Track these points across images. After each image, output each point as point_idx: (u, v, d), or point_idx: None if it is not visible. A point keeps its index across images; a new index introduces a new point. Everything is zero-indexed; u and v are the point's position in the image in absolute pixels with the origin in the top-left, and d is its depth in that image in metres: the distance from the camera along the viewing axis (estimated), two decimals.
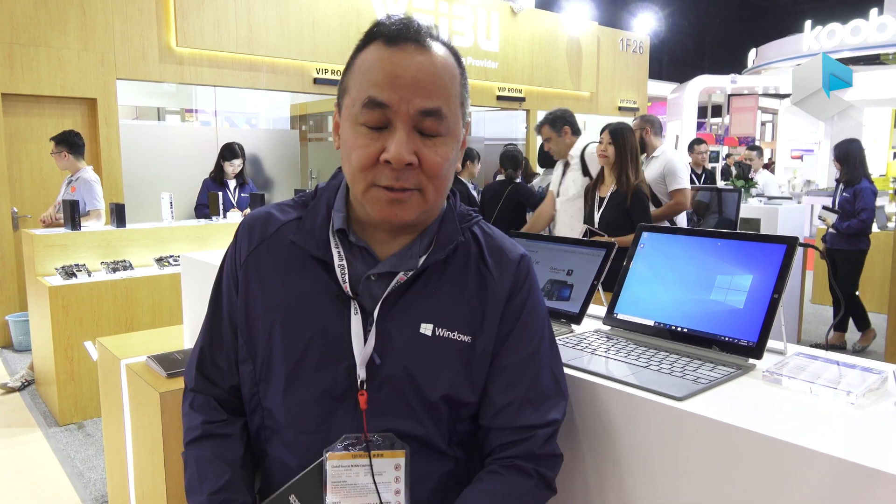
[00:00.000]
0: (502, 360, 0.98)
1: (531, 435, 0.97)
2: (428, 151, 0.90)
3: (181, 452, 1.05)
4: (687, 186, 3.99)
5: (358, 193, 0.93)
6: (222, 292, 1.04)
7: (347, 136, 0.92)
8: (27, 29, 5.41)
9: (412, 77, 0.87)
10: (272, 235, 1.00)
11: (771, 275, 1.18)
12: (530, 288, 1.03)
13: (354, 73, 0.92)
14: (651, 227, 1.41)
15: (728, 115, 19.90)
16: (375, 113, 0.88)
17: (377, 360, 0.93)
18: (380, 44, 0.90)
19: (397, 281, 0.94)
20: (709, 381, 1.05)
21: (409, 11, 7.94)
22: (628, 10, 15.24)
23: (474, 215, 1.05)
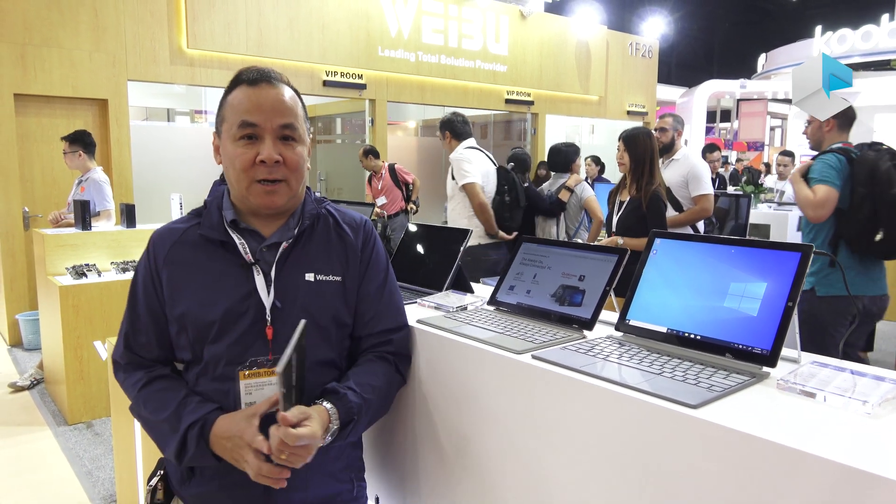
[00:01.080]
0: (364, 288, 1.41)
1: (389, 339, 1.43)
2: (288, 152, 1.29)
3: (129, 407, 1.36)
4: (711, 192, 3.85)
5: (242, 189, 1.29)
6: (138, 291, 1.37)
7: (229, 150, 1.29)
8: (40, 30, 5.45)
9: (271, 104, 1.27)
10: (179, 239, 1.35)
11: (785, 283, 1.17)
12: (374, 241, 1.46)
13: (228, 107, 1.30)
14: (664, 233, 1.41)
15: (737, 119, 19.82)
16: (248, 129, 1.26)
17: (279, 305, 1.30)
18: (244, 86, 1.29)
19: (283, 248, 1.33)
20: (723, 388, 1.05)
21: (419, 16, 7.96)
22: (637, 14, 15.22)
23: (325, 199, 1.45)
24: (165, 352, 1.37)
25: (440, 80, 8.31)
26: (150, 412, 1.30)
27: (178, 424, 1.24)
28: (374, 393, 1.34)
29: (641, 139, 3.40)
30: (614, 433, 1.08)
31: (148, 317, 1.35)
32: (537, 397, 1.22)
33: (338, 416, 1.25)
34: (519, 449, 1.26)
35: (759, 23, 24.78)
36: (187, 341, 1.31)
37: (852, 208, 2.85)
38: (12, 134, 5.40)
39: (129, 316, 1.38)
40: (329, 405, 1.25)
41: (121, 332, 1.39)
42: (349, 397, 1.28)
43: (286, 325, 1.27)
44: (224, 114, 1.31)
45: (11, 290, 5.51)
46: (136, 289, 1.38)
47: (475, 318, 1.54)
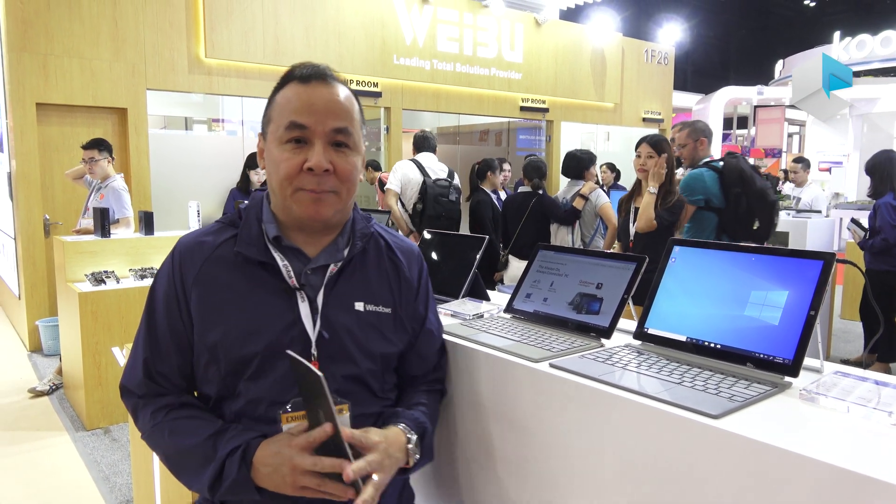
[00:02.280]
0: (424, 326, 1.32)
1: (439, 367, 1.38)
2: (340, 160, 1.14)
3: (143, 437, 1.19)
4: None
5: (286, 198, 1.15)
6: (158, 311, 1.19)
7: (274, 153, 1.15)
8: (61, 40, 5.54)
9: (324, 105, 1.13)
10: (212, 256, 1.18)
11: (807, 291, 1.16)
12: (427, 273, 1.36)
13: (276, 106, 1.17)
14: (682, 241, 1.39)
15: (754, 126, 19.66)
16: (296, 132, 1.12)
17: (325, 336, 1.16)
18: (295, 83, 1.16)
19: (330, 272, 1.19)
20: (744, 398, 1.03)
21: (434, 24, 7.99)
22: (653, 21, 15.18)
23: (371, 217, 1.31)
24: (187, 382, 1.21)
25: (455, 87, 8.32)
26: (176, 439, 1.13)
27: (214, 452, 1.08)
28: (428, 409, 1.28)
29: (665, 145, 3.41)
30: (634, 443, 1.06)
31: (171, 342, 1.18)
32: (555, 406, 1.21)
33: (410, 429, 1.17)
34: (536, 458, 1.25)
35: (775, 28, 24.60)
36: (217, 374, 1.16)
37: (730, 206, 3.43)
38: (34, 142, 5.48)
39: (148, 339, 1.19)
40: (401, 425, 1.17)
41: (136, 357, 1.21)
42: (410, 413, 1.22)
43: (333, 361, 1.16)
44: (271, 113, 1.18)
45: (32, 296, 5.58)
46: (156, 308, 1.20)
47: (492, 325, 1.53)
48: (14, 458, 3.46)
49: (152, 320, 1.20)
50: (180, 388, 1.20)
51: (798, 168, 7.04)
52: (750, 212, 3.41)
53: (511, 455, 1.32)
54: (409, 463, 1.15)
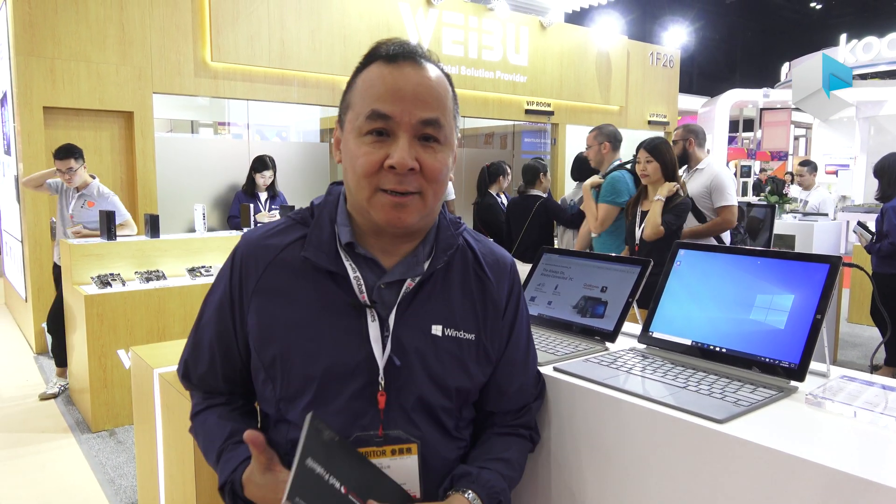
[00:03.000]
0: (509, 355, 1.12)
1: (528, 410, 1.17)
2: (428, 157, 0.97)
3: (189, 429, 1.17)
4: (734, 203, 3.78)
5: (363, 199, 0.99)
6: (208, 314, 1.12)
7: (351, 146, 0.99)
8: (68, 44, 5.57)
9: (412, 90, 0.96)
10: (276, 259, 1.04)
11: (813, 295, 1.15)
12: (520, 290, 1.17)
13: (357, 91, 1.00)
14: (688, 244, 1.39)
15: (760, 129, 19.61)
16: (378, 123, 0.95)
17: (397, 362, 1.00)
18: (380, 63, 0.99)
19: (406, 287, 1.03)
20: (750, 403, 1.03)
21: (439, 27, 8.01)
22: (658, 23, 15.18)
23: (461, 222, 1.14)
24: (232, 386, 1.13)
25: (460, 90, 8.16)
26: (203, 451, 1.12)
27: (221, 476, 1.05)
28: (510, 469, 1.09)
29: (665, 148, 3.38)
30: (639, 447, 1.06)
31: (217, 349, 1.10)
32: (560, 410, 1.20)
33: (480, 501, 1.00)
34: (540, 462, 1.25)
35: (781, 31, 24.53)
36: (273, 396, 1.04)
37: None
38: (41, 146, 5.51)
39: (193, 340, 1.14)
40: (469, 493, 1.00)
41: (183, 354, 1.16)
42: (485, 476, 1.03)
43: (401, 393, 1.01)
44: (350, 99, 1.01)
45: (38, 298, 5.60)
46: (207, 310, 1.12)
47: None
48: (20, 460, 3.47)
49: (200, 324, 1.13)
50: (221, 391, 1.14)
51: (805, 171, 7.00)
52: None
53: None
54: None
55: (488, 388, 1.12)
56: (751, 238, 4.77)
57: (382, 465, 0.99)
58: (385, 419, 1.00)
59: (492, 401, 1.13)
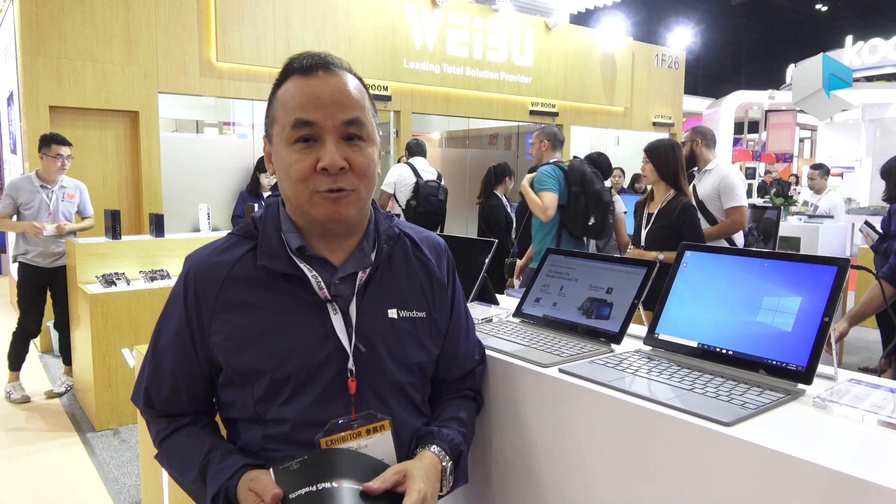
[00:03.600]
0: (454, 327, 1.23)
1: (472, 375, 1.30)
2: (355, 155, 1.04)
3: (154, 456, 1.17)
4: (744, 204, 3.75)
5: (302, 203, 1.05)
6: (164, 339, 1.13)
7: (283, 156, 1.05)
8: (74, 44, 5.59)
9: (330, 96, 1.03)
10: (230, 274, 1.09)
11: (821, 297, 1.14)
12: (454, 267, 1.28)
13: (278, 104, 1.06)
14: (694, 245, 1.38)
15: (765, 131, 19.56)
16: (304, 130, 1.02)
17: (362, 349, 1.08)
18: (296, 77, 1.05)
19: (360, 279, 1.11)
20: (757, 406, 1.02)
21: (444, 28, 8.00)
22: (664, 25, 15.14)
23: (392, 215, 1.23)
24: (197, 405, 1.16)
25: (465, 91, 8.33)
26: (177, 471, 1.11)
27: (206, 491, 1.05)
28: (464, 426, 1.20)
29: (663, 150, 3.35)
30: (644, 450, 1.05)
31: (177, 371, 1.12)
32: (565, 412, 1.20)
33: (445, 453, 1.10)
34: (545, 463, 1.24)
35: (787, 33, 24.45)
36: (249, 399, 1.08)
37: (570, 203, 3.92)
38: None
39: (150, 367, 1.15)
40: (434, 447, 1.10)
41: (139, 381, 1.17)
42: (445, 432, 1.14)
43: (370, 376, 1.09)
44: (274, 113, 1.07)
45: None
46: (163, 334, 1.13)
47: (500, 330, 1.53)
48: (24, 458, 3.48)
49: (157, 350, 1.14)
50: (186, 412, 1.15)
51: (816, 175, 6.96)
52: (587, 209, 3.92)
53: (518, 461, 1.31)
54: (443, 490, 1.09)
55: (438, 359, 1.22)
56: (764, 241, 4.73)
57: (360, 446, 1.06)
58: (356, 402, 1.07)
59: (442, 370, 1.24)
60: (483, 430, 1.39)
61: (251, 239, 1.12)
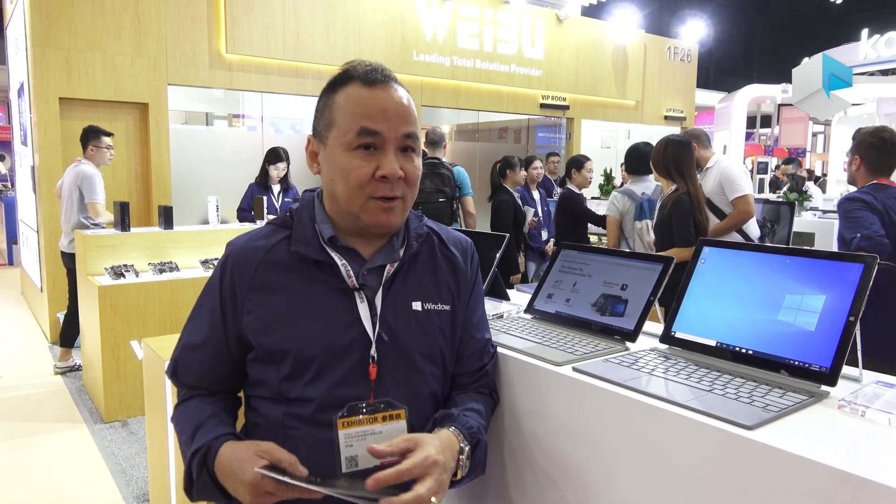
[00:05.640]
0: (468, 320, 1.26)
1: (485, 373, 1.29)
2: (408, 165, 1.12)
3: (170, 417, 1.21)
4: (748, 192, 3.72)
5: (354, 206, 1.11)
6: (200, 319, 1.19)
7: (342, 160, 1.10)
8: (84, 35, 5.58)
9: (395, 109, 1.10)
10: (265, 258, 1.15)
11: (846, 296, 1.10)
12: (479, 266, 1.33)
13: (340, 109, 1.11)
14: (713, 241, 1.34)
15: (778, 125, 19.37)
16: (368, 139, 1.09)
17: (385, 338, 1.13)
18: (358, 85, 1.11)
19: (387, 272, 1.16)
20: (779, 408, 0.98)
21: (454, 20, 7.95)
22: (676, 17, 15.00)
23: (422, 215, 1.29)
24: (219, 384, 1.21)
25: (475, 84, 8.27)
26: (178, 434, 1.16)
27: (188, 451, 1.10)
28: (481, 417, 1.20)
29: (658, 146, 3.43)
30: (661, 453, 1.02)
31: (207, 350, 1.18)
32: (578, 412, 1.16)
33: (463, 437, 1.11)
34: (558, 464, 1.21)
35: (801, 26, 24.15)
36: (276, 378, 1.12)
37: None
38: (57, 136, 5.53)
39: (184, 342, 1.22)
40: (452, 428, 1.11)
41: (174, 353, 1.24)
42: (464, 418, 1.15)
43: (391, 364, 1.13)
44: (333, 117, 1.12)
45: (53, 288, 5.63)
46: (200, 314, 1.20)
47: (512, 326, 1.49)
48: (33, 449, 3.49)
49: (192, 328, 1.21)
50: (206, 387, 1.21)
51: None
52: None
53: (530, 460, 1.28)
54: (458, 475, 1.08)
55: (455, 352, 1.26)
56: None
57: (375, 431, 1.10)
58: (376, 388, 1.12)
59: (455, 363, 1.26)
60: (497, 428, 1.36)
61: (287, 228, 1.18)
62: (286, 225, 1.19)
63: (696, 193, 3.33)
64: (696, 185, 3.34)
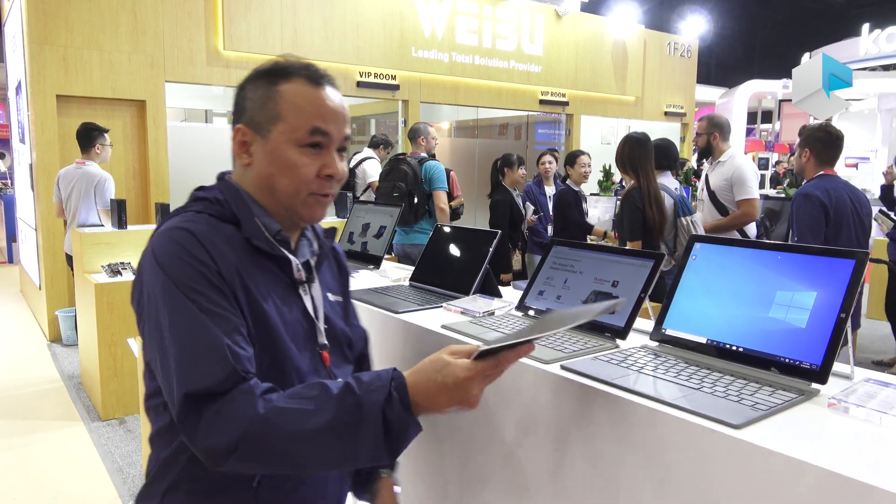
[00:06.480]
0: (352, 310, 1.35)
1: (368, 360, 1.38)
2: (342, 165, 1.15)
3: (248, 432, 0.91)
4: (756, 196, 3.71)
5: (295, 200, 1.12)
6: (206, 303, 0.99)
7: (289, 156, 1.09)
8: (81, 32, 5.56)
9: (341, 112, 1.13)
10: (230, 242, 1.07)
11: (837, 292, 1.09)
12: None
13: (286, 105, 1.09)
14: (704, 237, 1.33)
15: (779, 121, 19.32)
16: (318, 138, 1.10)
17: (327, 327, 1.18)
18: (305, 82, 1.11)
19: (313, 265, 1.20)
20: (768, 407, 0.97)
21: (453, 16, 7.92)
22: (676, 13, 14.94)
23: None
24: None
25: (474, 80, 8.25)
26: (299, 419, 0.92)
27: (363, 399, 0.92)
28: None
29: (621, 143, 3.48)
30: (649, 452, 1.01)
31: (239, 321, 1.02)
32: (567, 410, 1.15)
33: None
34: (546, 462, 1.20)
35: (802, 21, 24.06)
36: (261, 371, 1.01)
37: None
38: (54, 134, 5.52)
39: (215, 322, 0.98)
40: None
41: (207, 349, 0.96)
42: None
43: (334, 349, 1.18)
44: (279, 111, 1.08)
45: (52, 286, 5.63)
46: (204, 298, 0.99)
47: (502, 324, 1.48)
48: (30, 447, 3.48)
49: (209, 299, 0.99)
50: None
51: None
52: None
53: (519, 458, 1.26)
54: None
55: None
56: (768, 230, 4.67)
57: None
58: (331, 373, 1.16)
59: None
60: (483, 428, 1.35)
61: (226, 220, 1.10)
62: (224, 217, 1.10)
63: (649, 188, 3.34)
64: (648, 181, 3.36)
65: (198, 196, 1.16)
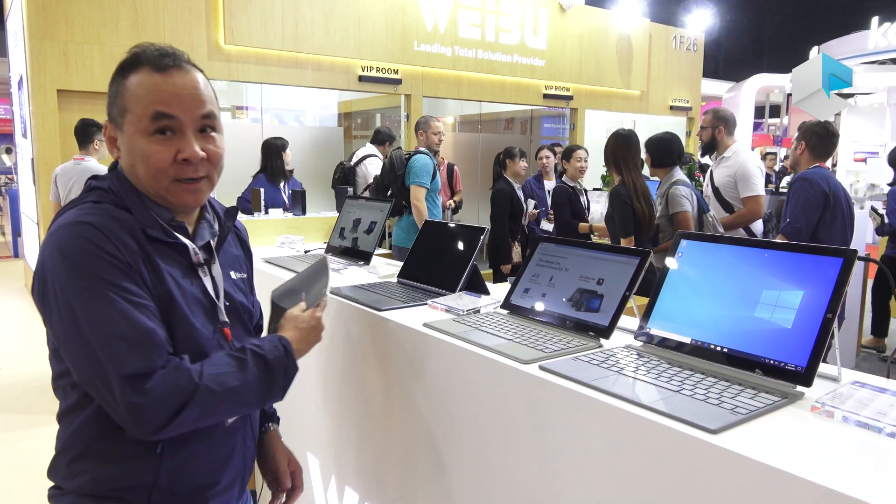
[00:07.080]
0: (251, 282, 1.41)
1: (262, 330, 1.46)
2: (209, 146, 1.15)
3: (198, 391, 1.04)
4: (761, 193, 3.63)
5: (160, 189, 1.13)
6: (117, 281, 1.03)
7: (140, 146, 1.11)
8: (81, 27, 5.55)
9: (190, 93, 1.12)
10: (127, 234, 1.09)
11: (824, 291, 1.05)
12: None
13: (130, 96, 1.11)
14: (691, 234, 1.29)
15: (787, 115, 19.15)
16: (163, 122, 1.10)
17: (227, 305, 1.23)
18: (149, 70, 1.12)
19: (213, 245, 1.24)
20: (748, 411, 0.94)
21: (455, 9, 7.86)
22: (682, 6, 14.81)
23: None
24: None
25: (477, 74, 8.19)
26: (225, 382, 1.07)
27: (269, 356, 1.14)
28: None
29: (609, 140, 3.53)
30: (624, 457, 0.97)
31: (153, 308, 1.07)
32: (543, 412, 1.12)
33: None
34: (523, 468, 1.17)
35: (810, 14, 23.81)
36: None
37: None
38: (55, 129, 5.52)
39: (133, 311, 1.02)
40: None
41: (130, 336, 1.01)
42: None
43: (234, 325, 1.24)
44: (125, 103, 1.11)
45: None
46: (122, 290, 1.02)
47: (486, 322, 1.45)
48: (30, 442, 3.49)
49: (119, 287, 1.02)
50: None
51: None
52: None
53: (496, 462, 1.23)
54: None
55: None
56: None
57: None
58: (233, 347, 1.20)
59: None
60: (460, 432, 1.32)
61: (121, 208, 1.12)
62: (118, 205, 1.12)
63: (634, 183, 3.33)
64: (632, 176, 3.37)
65: (93, 186, 1.17)
